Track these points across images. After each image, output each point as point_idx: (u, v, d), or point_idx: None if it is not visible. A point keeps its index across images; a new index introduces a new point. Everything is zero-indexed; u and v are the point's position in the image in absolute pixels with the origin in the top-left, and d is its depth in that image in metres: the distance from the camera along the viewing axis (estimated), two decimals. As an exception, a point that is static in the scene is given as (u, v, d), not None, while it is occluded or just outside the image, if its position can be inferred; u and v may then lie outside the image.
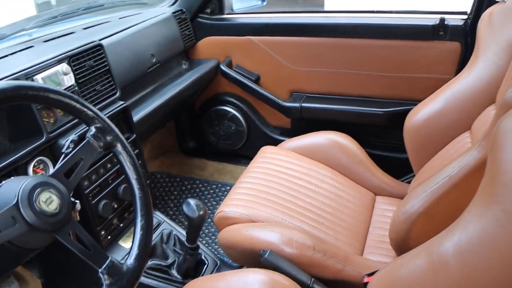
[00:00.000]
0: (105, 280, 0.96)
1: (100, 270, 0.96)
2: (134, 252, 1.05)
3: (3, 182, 0.96)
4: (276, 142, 2.01)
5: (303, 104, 2.18)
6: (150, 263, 1.52)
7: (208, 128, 2.54)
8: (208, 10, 2.31)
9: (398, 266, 0.90)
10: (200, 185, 2.53)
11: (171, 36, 2.14)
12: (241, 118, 2.41)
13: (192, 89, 2.24)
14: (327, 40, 2.09)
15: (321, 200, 1.65)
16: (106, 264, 0.97)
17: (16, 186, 0.92)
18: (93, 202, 1.47)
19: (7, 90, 0.95)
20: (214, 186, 2.52)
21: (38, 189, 0.92)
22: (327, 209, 1.62)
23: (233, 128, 2.46)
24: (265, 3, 2.36)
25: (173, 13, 2.18)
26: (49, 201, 0.92)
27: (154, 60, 1.98)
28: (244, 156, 2.49)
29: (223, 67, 2.29)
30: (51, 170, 1.14)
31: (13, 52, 1.51)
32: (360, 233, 1.60)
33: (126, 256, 1.05)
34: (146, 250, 1.08)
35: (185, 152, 2.72)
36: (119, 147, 1.12)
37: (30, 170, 1.32)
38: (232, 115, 2.42)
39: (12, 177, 1.00)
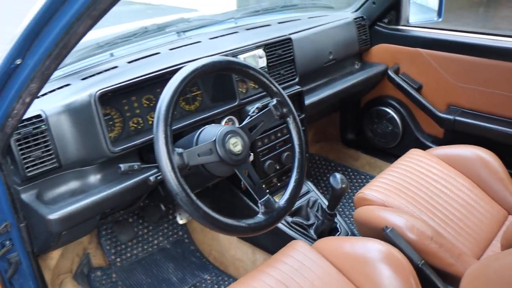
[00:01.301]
0: (261, 209, 1.34)
1: (259, 201, 1.34)
2: (285, 197, 1.41)
3: (206, 126, 1.41)
4: (425, 148, 2.17)
5: (457, 118, 2.32)
6: (294, 219, 1.87)
7: (368, 125, 2.80)
8: (386, 20, 2.56)
9: (493, 260, 1.09)
10: (351, 173, 2.81)
11: (349, 38, 2.44)
12: (398, 121, 2.63)
13: (360, 87, 2.52)
14: (491, 62, 2.19)
15: (451, 203, 1.80)
16: (264, 198, 1.35)
17: (215, 130, 1.34)
18: (261, 159, 1.87)
19: (222, 62, 1.38)
20: (363, 176, 2.78)
21: (230, 135, 1.33)
22: (455, 213, 1.78)
23: (389, 128, 2.68)
24: (441, 19, 2.52)
25: (354, 19, 2.48)
26: (235, 144, 1.33)
27: (331, 57, 2.31)
28: (394, 155, 2.69)
29: (390, 73, 2.53)
30: (237, 125, 1.56)
31: (223, 35, 1.97)
32: (482, 242, 1.72)
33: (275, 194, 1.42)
34: (295, 198, 1.44)
35: (344, 142, 3.01)
36: (290, 118, 1.49)
37: (223, 123, 1.76)
38: (391, 117, 2.65)
39: (212, 124, 1.43)
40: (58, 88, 1.58)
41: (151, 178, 1.37)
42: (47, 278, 1.72)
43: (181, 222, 2.21)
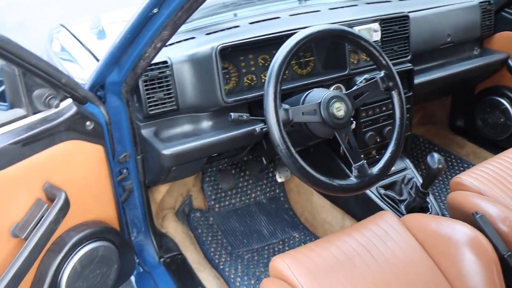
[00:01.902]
0: (354, 173, 1.42)
1: (354, 165, 1.42)
2: (379, 165, 1.48)
3: (314, 89, 1.50)
4: (535, 145, 2.09)
5: None
6: (387, 192, 1.92)
7: (479, 113, 2.72)
8: None
9: None
10: (453, 160, 2.77)
11: (471, 22, 2.37)
12: None
13: (476, 74, 2.46)
14: None
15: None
16: (359, 163, 1.43)
17: (322, 93, 1.44)
18: (363, 129, 1.93)
19: (336, 30, 1.46)
20: (465, 165, 2.72)
21: (335, 99, 1.41)
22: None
23: (502, 119, 2.60)
24: None
25: (480, 2, 2.39)
26: (339, 109, 1.41)
27: (448, 40, 2.28)
28: (502, 147, 2.60)
29: (511, 62, 2.44)
30: None
31: (342, 7, 2.03)
32: None
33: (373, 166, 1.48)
34: (388, 168, 1.50)
35: (452, 128, 2.95)
36: (395, 92, 1.54)
37: (331, 89, 1.84)
38: (505, 108, 2.56)
39: (320, 88, 1.52)
40: (184, 40, 1.75)
41: (257, 129, 1.52)
42: (153, 209, 1.92)
43: (279, 180, 2.34)
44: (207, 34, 1.78)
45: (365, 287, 1.32)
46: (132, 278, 1.84)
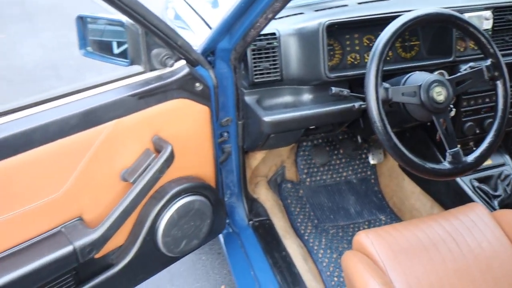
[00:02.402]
0: (448, 158, 1.41)
1: (448, 151, 1.41)
2: (475, 154, 1.46)
3: (416, 72, 1.50)
4: None
5: None
6: (481, 185, 1.87)
7: None
8: None
9: None
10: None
11: None
12: None
13: None
14: None
15: None
16: (454, 149, 1.42)
17: (424, 76, 1.45)
18: (463, 118, 1.89)
19: (444, 15, 1.45)
20: None
21: (436, 83, 1.41)
22: None
23: None
24: None
25: None
26: (439, 94, 1.41)
27: None
28: None
29: None
30: None
31: None
32: None
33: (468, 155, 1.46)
34: (484, 158, 1.48)
35: None
36: (500, 82, 1.50)
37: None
38: None
39: (422, 71, 1.51)
40: (293, 15, 1.81)
41: (356, 105, 1.55)
42: (247, 174, 2.01)
43: (372, 162, 2.35)
44: (315, 10, 1.83)
45: (446, 274, 1.32)
46: (221, 236, 1.95)
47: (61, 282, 1.31)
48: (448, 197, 2.00)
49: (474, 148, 1.96)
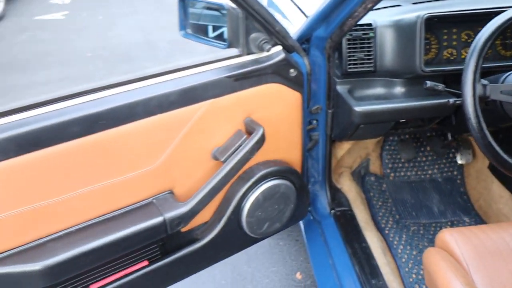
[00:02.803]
0: None
1: None
2: None
3: None
4: None
5: None
6: None
7: None
8: None
9: None
10: None
11: None
12: None
13: None
14: None
15: None
16: None
17: None
18: None
19: None
20: None
21: None
22: None
23: None
24: None
25: None
26: None
27: None
28: None
29: None
30: None
31: None
32: None
33: None
34: None
35: None
36: None
37: None
38: None
39: None
40: (391, 6, 1.78)
41: (450, 100, 1.50)
42: (332, 164, 2.01)
43: (459, 162, 2.27)
44: (413, 3, 1.80)
45: None
46: (301, 223, 1.97)
47: (148, 251, 1.39)
48: None
49: None
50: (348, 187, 2.10)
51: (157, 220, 1.27)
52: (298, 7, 2.14)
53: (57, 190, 1.18)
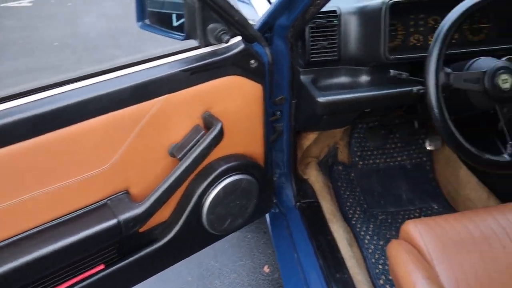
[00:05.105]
0: (509, 150, 1.35)
1: (510, 142, 1.33)
2: None
3: (483, 57, 1.42)
4: None
5: None
6: None
7: None
8: None
9: None
10: None
11: None
12: None
13: None
14: None
15: None
16: None
17: (490, 62, 1.37)
18: None
19: None
20: None
21: (503, 70, 1.32)
22: None
23: None
24: None
25: None
26: (505, 81, 1.32)
27: None
28: None
29: None
30: None
31: None
32: None
33: None
34: None
35: None
36: None
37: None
38: None
39: (489, 57, 1.42)
40: None
41: (414, 89, 1.47)
42: (298, 154, 1.98)
43: (428, 148, 2.26)
44: None
45: (496, 271, 1.26)
46: (267, 216, 1.94)
47: (105, 253, 1.34)
48: (506, 188, 1.91)
49: None
50: (315, 177, 2.07)
51: (111, 222, 1.22)
52: (264, -6, 2.09)
53: (3, 196, 1.12)
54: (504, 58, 1.69)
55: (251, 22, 1.47)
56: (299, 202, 1.91)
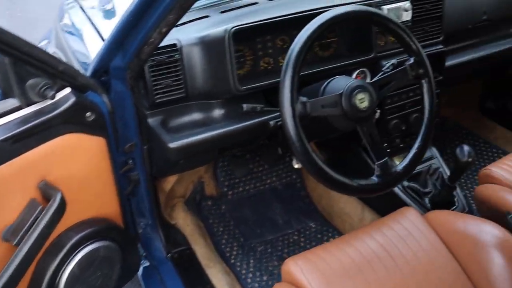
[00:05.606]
0: (377, 171, 1.30)
1: (376, 163, 1.30)
2: (404, 163, 1.36)
3: (336, 77, 1.37)
4: None
5: None
6: (411, 184, 1.79)
7: None
8: None
9: None
10: (481, 144, 2.60)
11: None
12: None
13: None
14: None
15: None
16: (382, 160, 1.31)
17: (344, 82, 1.31)
18: (388, 117, 1.77)
19: (362, 12, 1.32)
20: (494, 150, 2.56)
21: (358, 89, 1.28)
22: None
23: None
24: None
25: None
26: (362, 101, 1.28)
27: (484, 17, 2.07)
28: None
29: None
30: (368, 80, 1.49)
31: None
32: None
33: (398, 163, 1.36)
34: (414, 165, 1.38)
35: (482, 111, 2.77)
36: (426, 81, 1.40)
37: (354, 75, 1.71)
38: None
39: (343, 76, 1.39)
40: (197, 19, 1.61)
41: (271, 122, 1.40)
42: (161, 199, 1.83)
43: (296, 166, 2.20)
44: (222, 12, 1.64)
45: None
46: (140, 271, 1.77)
47: None
48: (379, 200, 1.90)
49: (401, 145, 1.89)
50: (183, 220, 1.93)
51: None
52: (98, 31, 1.89)
53: None
54: (356, 72, 1.70)
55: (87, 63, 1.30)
56: (170, 253, 1.76)
